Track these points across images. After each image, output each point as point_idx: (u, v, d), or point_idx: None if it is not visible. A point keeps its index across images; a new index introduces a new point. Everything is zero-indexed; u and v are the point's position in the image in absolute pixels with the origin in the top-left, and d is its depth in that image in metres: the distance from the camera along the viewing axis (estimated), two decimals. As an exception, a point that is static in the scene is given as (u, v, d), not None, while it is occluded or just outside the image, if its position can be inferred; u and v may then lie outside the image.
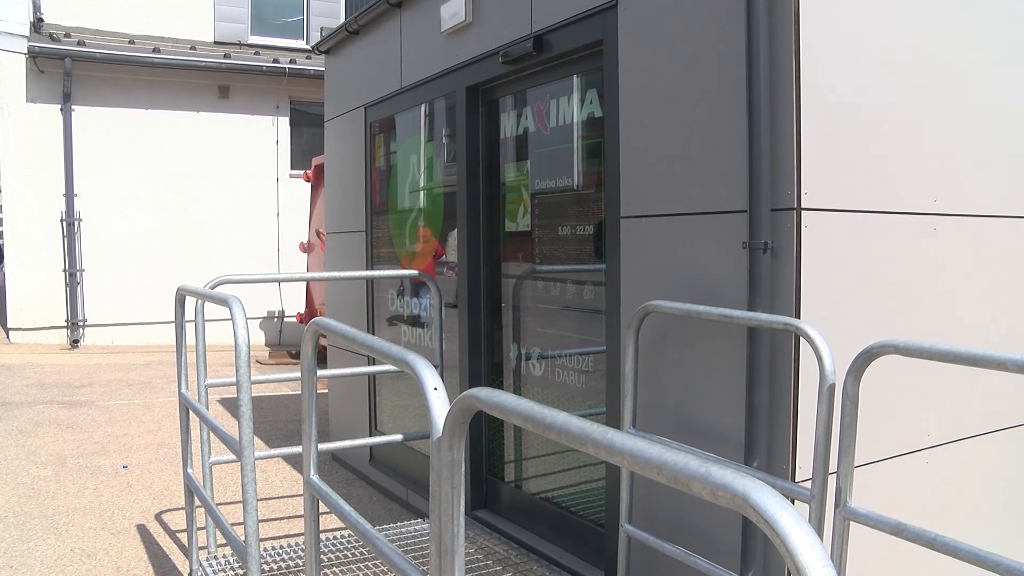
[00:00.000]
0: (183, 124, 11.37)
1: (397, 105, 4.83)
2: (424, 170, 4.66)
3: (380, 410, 5.18)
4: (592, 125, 3.36)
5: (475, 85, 3.99)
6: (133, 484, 5.17)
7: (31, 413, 7.09)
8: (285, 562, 3.60)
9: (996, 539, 2.92)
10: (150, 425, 6.75)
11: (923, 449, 2.74)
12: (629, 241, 2.97)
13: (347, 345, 2.06)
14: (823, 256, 2.44)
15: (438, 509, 1.48)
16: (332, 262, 5.86)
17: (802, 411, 2.39)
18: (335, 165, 5.81)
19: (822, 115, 2.42)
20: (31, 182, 10.63)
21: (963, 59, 2.82)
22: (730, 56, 2.53)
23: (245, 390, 2.52)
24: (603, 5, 3.06)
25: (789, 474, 2.40)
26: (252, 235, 11.68)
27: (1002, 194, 2.96)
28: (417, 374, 1.60)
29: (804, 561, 0.79)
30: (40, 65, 10.47)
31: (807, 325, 2.22)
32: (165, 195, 11.29)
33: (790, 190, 2.38)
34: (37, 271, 10.71)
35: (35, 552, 4.03)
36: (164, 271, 10.90)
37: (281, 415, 7.16)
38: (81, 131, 10.77)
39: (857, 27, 2.52)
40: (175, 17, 11.82)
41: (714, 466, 0.91)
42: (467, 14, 3.93)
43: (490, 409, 1.33)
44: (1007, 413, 3.00)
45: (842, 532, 2.17)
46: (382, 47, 4.92)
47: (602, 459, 1.08)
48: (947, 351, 1.90)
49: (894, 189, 2.63)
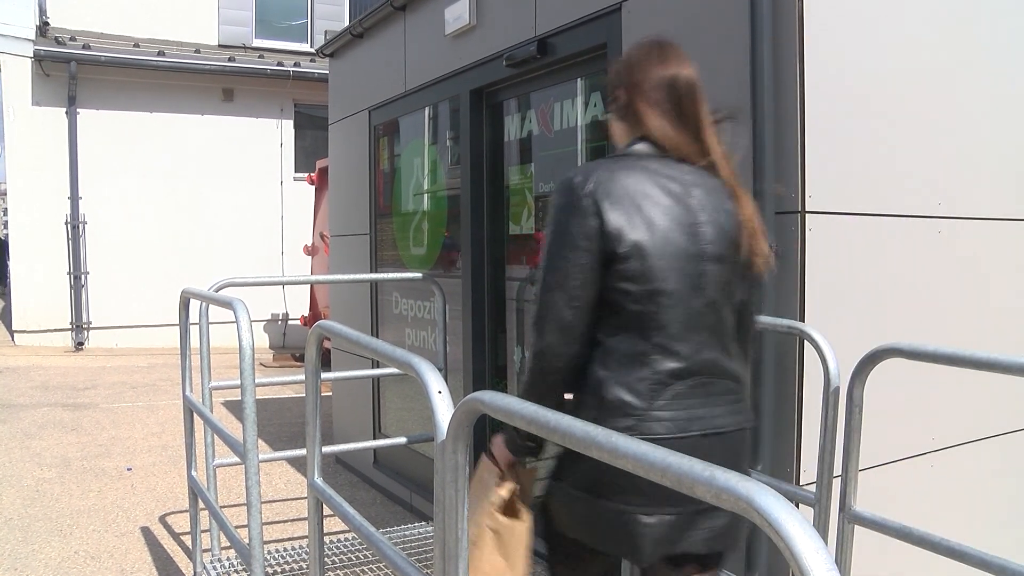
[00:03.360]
0: (187, 127, 11.40)
1: (401, 108, 4.83)
2: (428, 173, 4.67)
3: (384, 413, 5.18)
4: (596, 128, 3.36)
5: (479, 88, 3.99)
6: (137, 486, 5.17)
7: (36, 415, 7.11)
8: (289, 565, 3.60)
9: (1002, 543, 2.90)
10: (154, 428, 6.76)
11: (928, 452, 2.73)
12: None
13: (351, 348, 2.06)
14: (827, 259, 2.44)
15: (442, 512, 1.48)
16: (336, 265, 5.87)
17: (806, 414, 2.39)
18: (339, 168, 5.82)
19: (826, 118, 2.42)
20: (36, 185, 10.66)
21: (969, 60, 2.81)
22: (734, 58, 2.53)
23: (249, 393, 2.52)
24: (607, 8, 3.06)
25: (793, 477, 2.40)
26: (256, 238, 11.69)
27: (1008, 197, 2.95)
28: (421, 377, 1.60)
29: (808, 565, 0.79)
30: (45, 68, 10.51)
31: (811, 328, 2.22)
32: (169, 198, 11.31)
33: (794, 193, 2.38)
34: (42, 274, 10.74)
35: (39, 554, 4.03)
36: (168, 273, 10.91)
37: (285, 418, 7.16)
38: (86, 134, 10.80)
39: (862, 30, 2.52)
40: (179, 20, 11.86)
41: (718, 469, 0.91)
42: (471, 17, 3.93)
43: (494, 412, 1.33)
44: (1013, 417, 2.99)
45: (846, 535, 2.17)
46: (386, 50, 4.93)
47: (606, 463, 1.08)
48: (952, 354, 1.90)
49: (898, 192, 2.63)
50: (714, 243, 1.73)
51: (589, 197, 1.70)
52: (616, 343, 1.71)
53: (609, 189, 1.71)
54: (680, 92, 1.82)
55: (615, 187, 1.71)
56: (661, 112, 1.81)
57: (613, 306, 1.71)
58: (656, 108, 1.81)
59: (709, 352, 1.71)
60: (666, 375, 1.67)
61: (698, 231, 1.72)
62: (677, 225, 1.71)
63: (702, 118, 1.82)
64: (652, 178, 1.74)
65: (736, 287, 1.77)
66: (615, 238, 1.67)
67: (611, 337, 1.72)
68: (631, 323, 1.70)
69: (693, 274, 1.70)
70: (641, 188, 1.72)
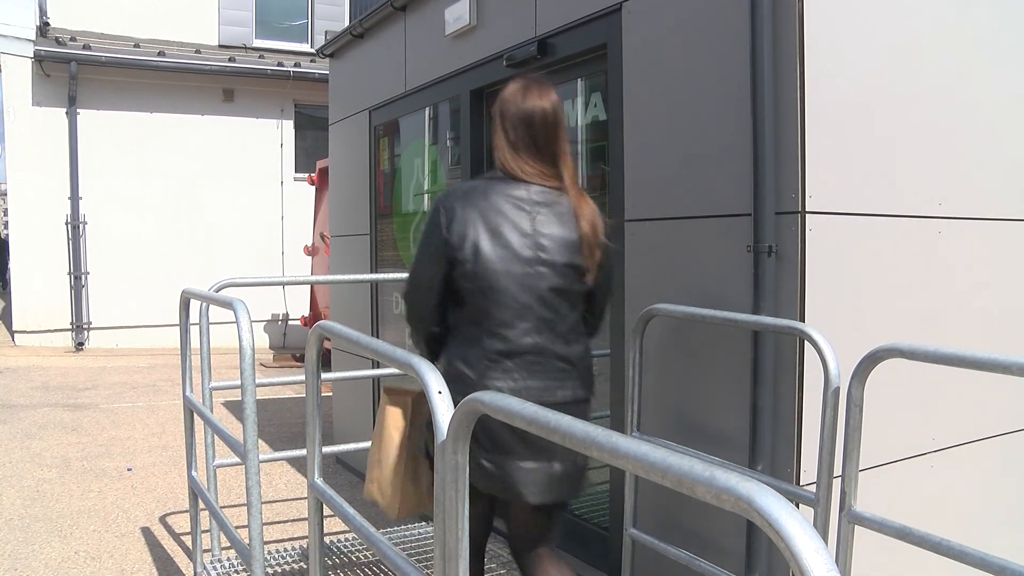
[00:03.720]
0: (188, 127, 11.40)
1: (401, 108, 4.83)
2: (428, 173, 4.67)
3: (384, 413, 5.17)
4: (596, 128, 3.37)
5: (479, 88, 3.99)
6: (137, 487, 5.18)
7: (36, 416, 7.11)
8: (289, 565, 3.60)
9: (1002, 543, 2.90)
10: (154, 428, 6.77)
11: (928, 453, 2.73)
12: (633, 244, 2.97)
13: (351, 348, 2.07)
14: (827, 259, 2.44)
15: (442, 513, 1.48)
16: (336, 265, 5.87)
17: (806, 415, 2.39)
18: (339, 168, 5.82)
19: (827, 118, 2.42)
20: (37, 185, 10.67)
21: (970, 60, 2.81)
22: (734, 58, 2.53)
23: (249, 393, 2.52)
24: (607, 8, 3.06)
25: (793, 478, 2.40)
26: (256, 238, 11.69)
27: (1008, 197, 2.95)
28: (421, 377, 1.60)
29: (808, 565, 0.79)
30: (46, 69, 10.51)
31: (811, 328, 2.22)
32: (169, 198, 11.32)
33: (794, 193, 2.38)
34: (42, 274, 10.74)
35: (40, 554, 4.04)
36: (168, 274, 10.92)
37: (285, 418, 7.17)
38: (86, 134, 10.80)
39: (863, 29, 2.52)
40: (180, 21, 11.86)
41: (718, 470, 0.91)
42: (471, 18, 3.93)
43: (494, 413, 1.33)
44: (1013, 417, 2.99)
45: (847, 536, 2.17)
46: (386, 51, 4.93)
47: (606, 463, 1.08)
48: (952, 355, 1.90)
49: (899, 192, 2.63)
50: (550, 252, 2.15)
51: (443, 213, 2.19)
52: (460, 326, 2.21)
53: (459, 207, 2.17)
54: (535, 126, 2.20)
55: (466, 205, 2.17)
56: (515, 144, 2.21)
57: (457, 297, 2.20)
58: (510, 140, 2.22)
59: (536, 337, 2.13)
60: (495, 354, 2.12)
61: (536, 242, 2.14)
62: (516, 236, 2.14)
63: (556, 147, 2.21)
64: (499, 199, 2.17)
65: (573, 287, 2.19)
66: (457, 247, 2.15)
67: (457, 321, 2.23)
68: (470, 311, 2.17)
69: (525, 276, 2.13)
70: (487, 206, 2.16)
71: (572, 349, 2.20)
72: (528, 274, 2.13)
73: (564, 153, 2.23)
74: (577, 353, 2.21)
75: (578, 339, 2.23)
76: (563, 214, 2.18)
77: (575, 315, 2.22)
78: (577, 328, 2.23)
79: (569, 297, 2.19)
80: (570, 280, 2.18)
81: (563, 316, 2.17)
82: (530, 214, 2.16)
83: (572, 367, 2.19)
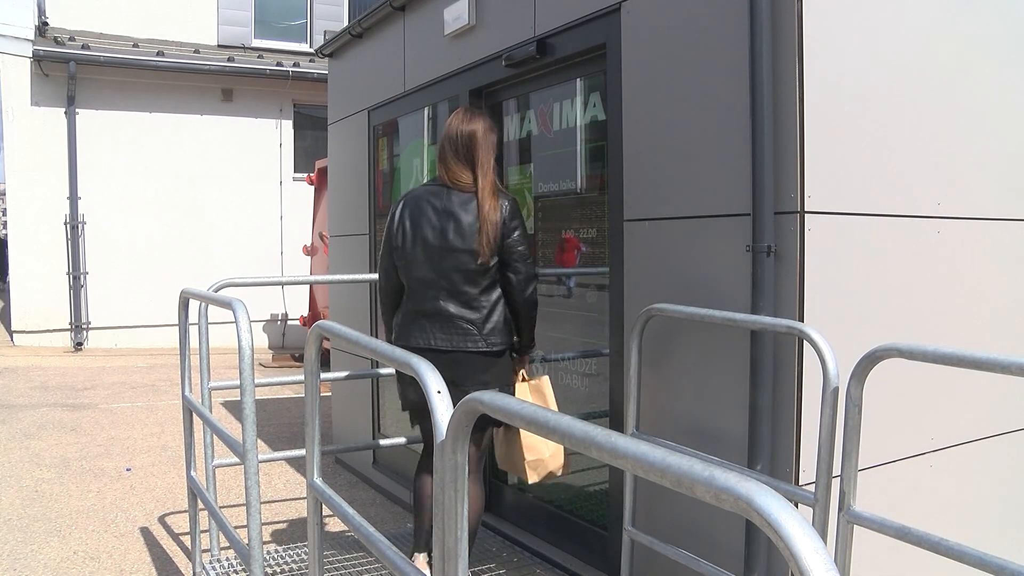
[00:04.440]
0: (187, 127, 11.39)
1: (400, 108, 4.83)
2: (427, 173, 4.67)
3: (383, 413, 5.18)
4: (595, 128, 3.37)
5: (478, 88, 3.99)
6: (136, 487, 5.17)
7: (35, 416, 7.11)
8: (288, 565, 3.60)
9: (1001, 543, 2.91)
10: (153, 428, 6.76)
11: (927, 452, 2.74)
12: (632, 244, 2.97)
13: (350, 348, 2.07)
14: (826, 259, 2.44)
15: (441, 512, 1.48)
16: (335, 265, 5.87)
17: (806, 414, 2.39)
18: (338, 168, 5.82)
19: (826, 118, 2.42)
20: (36, 185, 10.66)
21: (968, 60, 2.81)
22: (733, 58, 2.53)
23: (248, 393, 2.53)
24: (606, 8, 3.06)
25: (793, 477, 2.40)
26: (255, 238, 11.69)
27: (1008, 197, 2.96)
28: (421, 377, 1.60)
29: (808, 565, 0.79)
30: (44, 68, 10.50)
31: (810, 328, 2.22)
32: (169, 198, 11.31)
33: (793, 193, 2.38)
34: (41, 274, 10.73)
35: (38, 555, 4.03)
36: (168, 274, 10.91)
37: (284, 418, 7.16)
38: (85, 134, 10.79)
39: (861, 29, 2.52)
40: (179, 21, 11.85)
41: (718, 470, 0.91)
42: (470, 17, 3.93)
43: (494, 412, 1.33)
44: (1011, 417, 3.00)
45: (846, 536, 2.17)
46: (385, 50, 4.93)
47: (605, 462, 1.08)
48: (951, 354, 1.90)
49: (898, 192, 2.63)
50: (454, 240, 2.79)
51: (392, 214, 2.95)
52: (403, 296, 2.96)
53: (399, 208, 2.93)
54: (458, 144, 2.86)
55: (404, 207, 2.92)
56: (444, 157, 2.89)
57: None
58: (444, 155, 2.89)
59: (435, 303, 2.82)
60: (412, 313, 2.88)
61: (445, 234, 2.80)
62: (432, 230, 2.83)
63: (475, 160, 2.84)
64: (429, 201, 2.87)
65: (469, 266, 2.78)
66: (395, 237, 2.90)
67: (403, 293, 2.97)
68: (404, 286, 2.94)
69: (434, 259, 2.81)
70: (420, 207, 2.87)
71: (475, 314, 2.81)
72: (436, 257, 2.81)
73: (482, 164, 2.84)
74: (480, 316, 2.81)
75: (482, 306, 2.82)
76: (470, 211, 2.79)
77: (480, 288, 2.81)
78: (485, 299, 2.82)
79: (467, 274, 2.79)
80: (466, 261, 2.78)
81: (463, 288, 2.80)
82: (443, 212, 2.82)
83: (473, 326, 2.80)
